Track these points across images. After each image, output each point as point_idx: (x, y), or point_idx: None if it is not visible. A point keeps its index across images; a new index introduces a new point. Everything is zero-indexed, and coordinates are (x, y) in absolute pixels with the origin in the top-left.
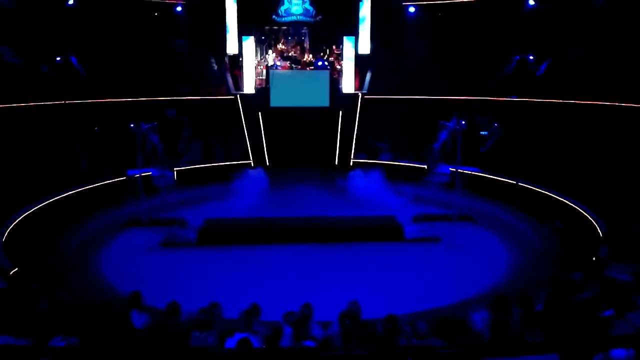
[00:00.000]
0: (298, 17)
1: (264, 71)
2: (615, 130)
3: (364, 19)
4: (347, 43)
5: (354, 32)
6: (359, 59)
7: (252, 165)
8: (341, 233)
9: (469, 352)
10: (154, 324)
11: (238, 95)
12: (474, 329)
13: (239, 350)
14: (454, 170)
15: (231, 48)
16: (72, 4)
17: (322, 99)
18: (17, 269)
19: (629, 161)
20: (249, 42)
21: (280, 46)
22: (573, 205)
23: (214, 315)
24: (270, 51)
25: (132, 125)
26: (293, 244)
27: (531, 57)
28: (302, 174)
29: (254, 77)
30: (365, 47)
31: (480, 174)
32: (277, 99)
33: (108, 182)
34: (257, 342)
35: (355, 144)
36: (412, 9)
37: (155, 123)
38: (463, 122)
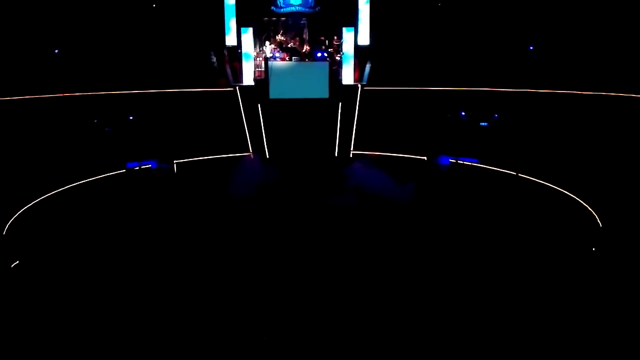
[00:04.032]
0: (297, 8)
1: (263, 63)
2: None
3: None
4: (347, 34)
5: (354, 23)
6: (359, 50)
7: (252, 157)
8: None
9: None
10: None
11: (237, 87)
12: None
13: None
14: (454, 160)
15: (230, 40)
16: None
17: (321, 91)
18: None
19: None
20: (248, 34)
21: (279, 37)
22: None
23: None
24: (267, 42)
25: (131, 117)
26: None
27: (531, 47)
28: (302, 165)
29: (253, 69)
30: (364, 38)
31: (479, 165)
32: (276, 91)
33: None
34: None
35: (354, 135)
36: None
37: (155, 115)
38: (463, 113)
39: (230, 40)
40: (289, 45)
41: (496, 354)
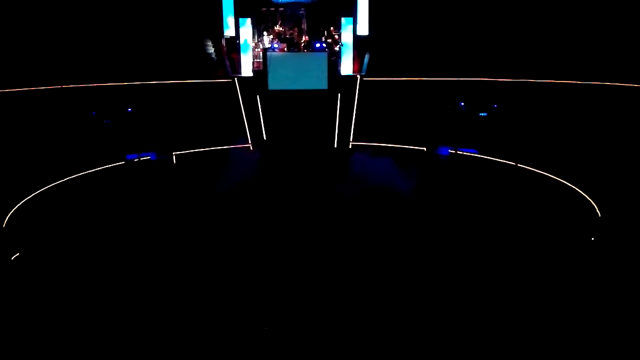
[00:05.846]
0: None
1: (261, 54)
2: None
3: None
4: (346, 24)
5: (353, 13)
6: (358, 40)
7: (251, 148)
8: None
9: None
10: None
11: (236, 79)
12: None
13: None
14: (454, 151)
15: (228, 30)
16: None
17: (320, 82)
18: None
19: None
20: (246, 24)
21: (277, 28)
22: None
23: None
24: (266, 33)
25: (129, 110)
26: None
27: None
28: (301, 156)
29: (252, 60)
30: (363, 29)
31: (479, 155)
32: (274, 82)
33: None
34: None
35: (354, 126)
36: None
37: (153, 107)
38: (462, 104)
39: (229, 31)
40: (288, 36)
41: (496, 342)
